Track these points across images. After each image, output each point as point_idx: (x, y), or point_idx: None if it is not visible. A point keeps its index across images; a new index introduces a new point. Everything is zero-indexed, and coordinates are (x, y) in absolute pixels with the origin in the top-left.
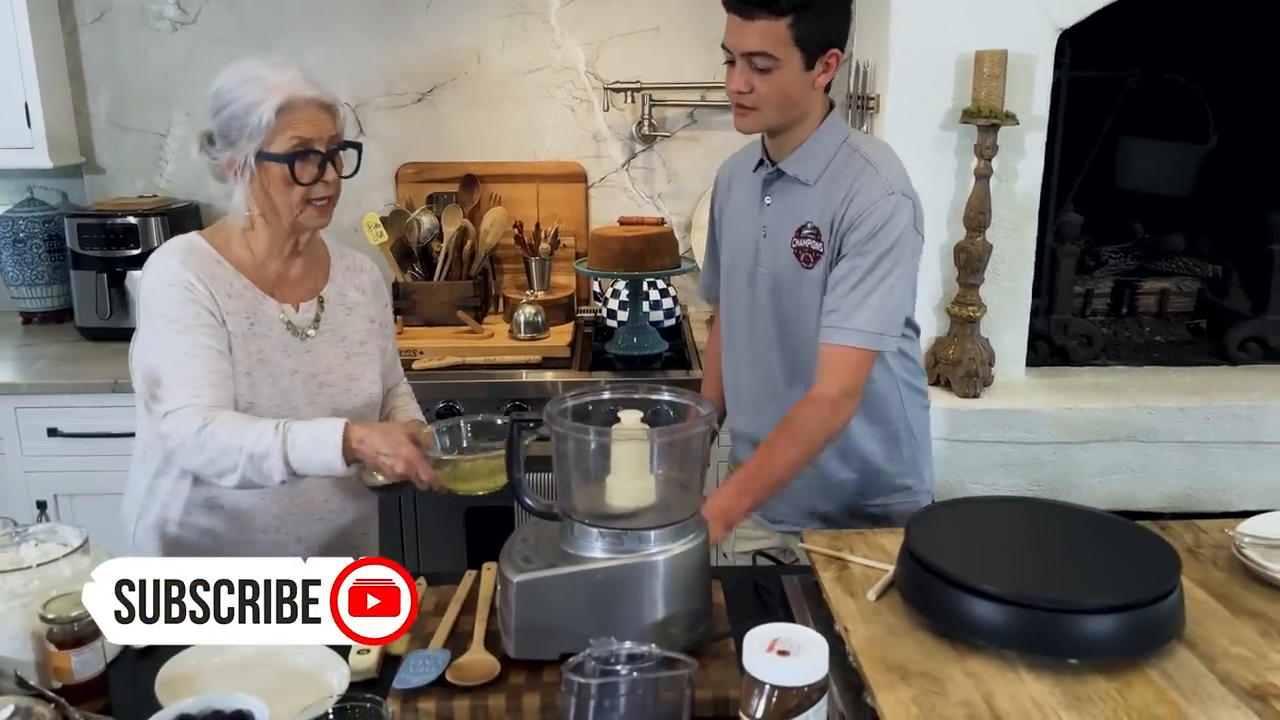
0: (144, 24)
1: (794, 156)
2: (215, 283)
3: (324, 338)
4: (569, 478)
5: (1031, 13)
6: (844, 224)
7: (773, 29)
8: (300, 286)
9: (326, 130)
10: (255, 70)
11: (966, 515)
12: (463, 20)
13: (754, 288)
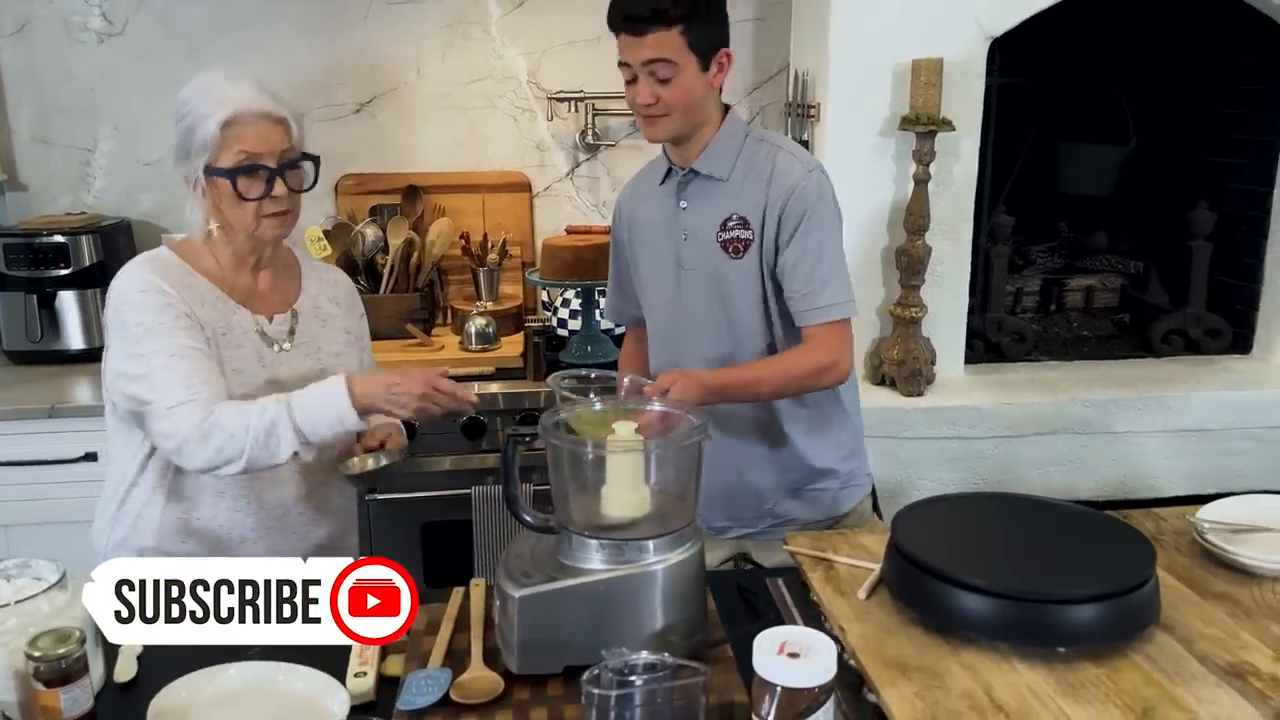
0: (68, 36)
1: (704, 156)
2: (188, 291)
3: (299, 350)
4: (565, 490)
5: (964, 22)
6: (775, 206)
7: (667, 38)
8: (271, 298)
9: (276, 144)
10: (209, 83)
11: (947, 512)
12: (402, 30)
13: (684, 291)
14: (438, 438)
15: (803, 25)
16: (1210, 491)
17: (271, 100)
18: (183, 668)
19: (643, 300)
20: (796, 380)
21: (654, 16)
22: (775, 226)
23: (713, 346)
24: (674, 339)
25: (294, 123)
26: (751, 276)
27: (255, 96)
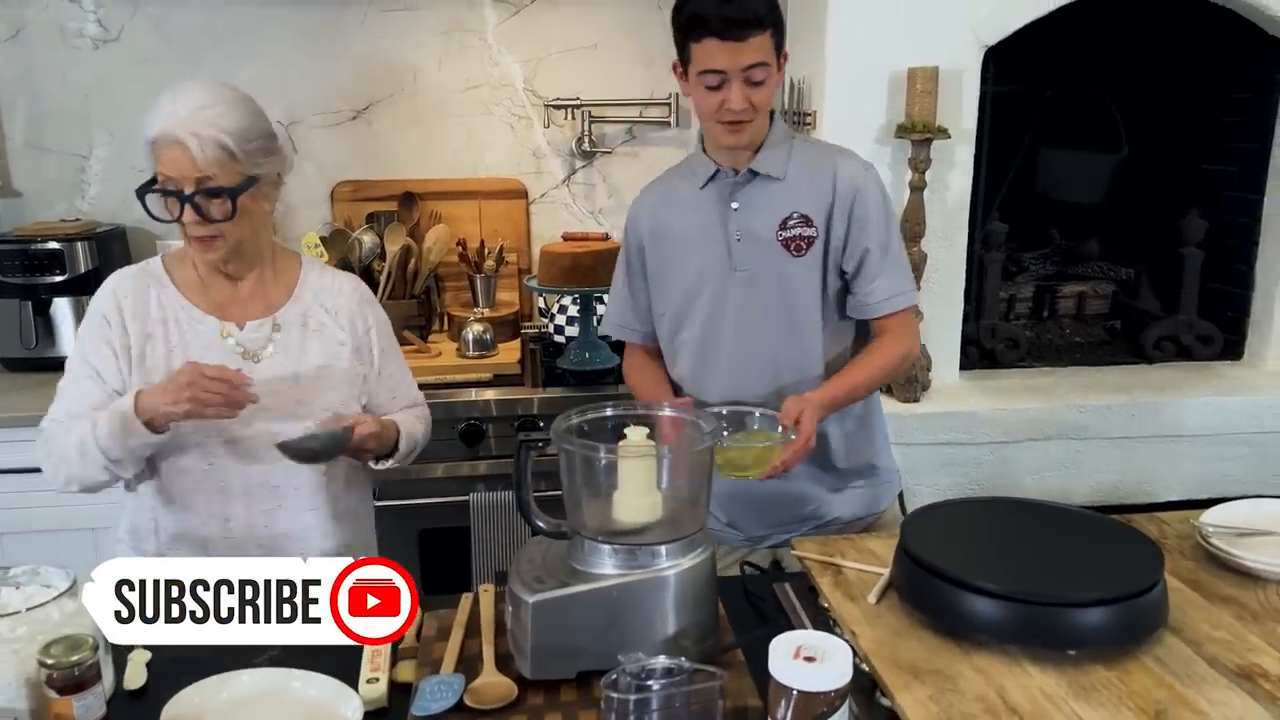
0: (63, 42)
1: (762, 156)
2: (145, 305)
3: (274, 360)
4: (578, 495)
5: (959, 31)
6: (843, 203)
7: (763, 42)
8: (251, 305)
9: (187, 171)
10: (162, 96)
11: (955, 516)
12: (399, 37)
13: (738, 292)
14: (436, 444)
15: (798, 33)
16: (1204, 497)
17: (205, 123)
18: (192, 675)
19: (672, 310)
20: (888, 375)
21: (756, 21)
22: (845, 223)
23: (772, 346)
24: (722, 344)
25: (213, 149)
26: (814, 273)
27: (183, 118)
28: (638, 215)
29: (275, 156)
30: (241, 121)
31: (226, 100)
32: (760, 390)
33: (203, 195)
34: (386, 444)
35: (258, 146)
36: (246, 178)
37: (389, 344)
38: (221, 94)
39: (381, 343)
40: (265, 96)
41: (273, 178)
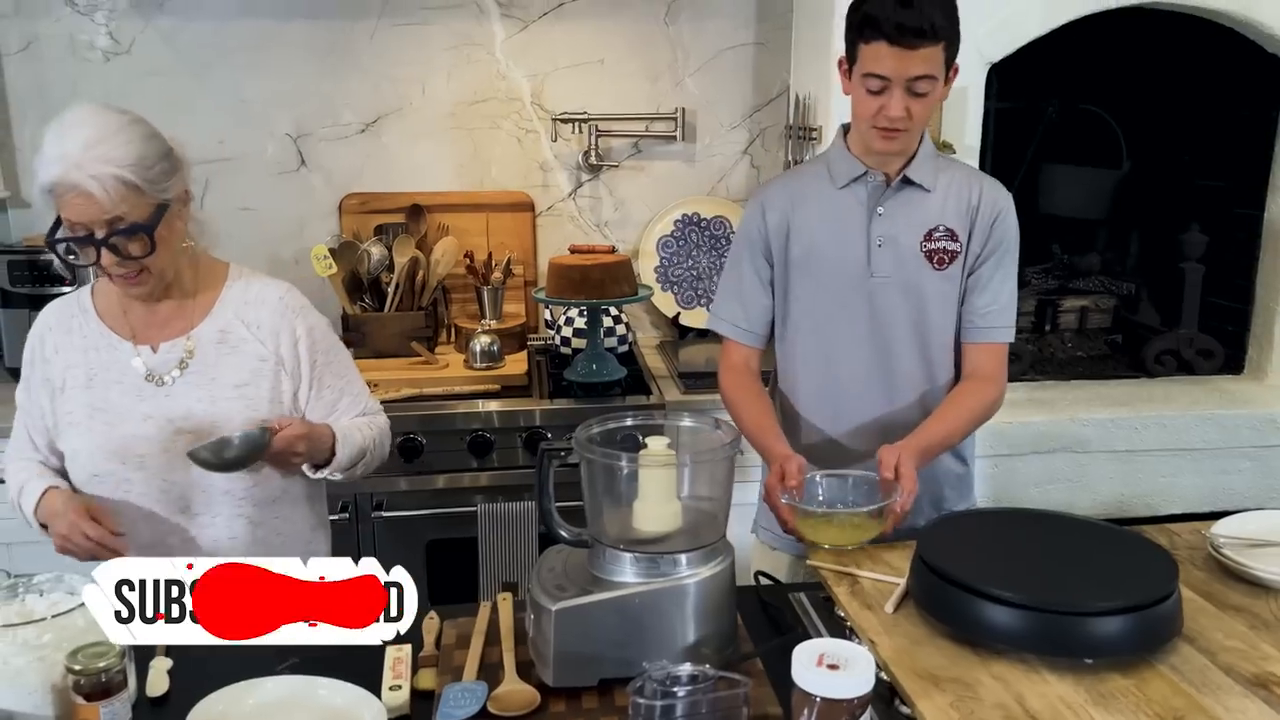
0: (74, 54)
1: (915, 164)
2: (69, 336)
3: (188, 380)
4: (599, 504)
5: (963, 48)
6: (984, 223)
7: (934, 54)
8: (169, 326)
9: (95, 215)
10: (47, 136)
11: (971, 527)
12: (407, 52)
13: (872, 298)
14: (444, 455)
15: (803, 49)
16: (1207, 510)
17: (99, 160)
18: (214, 682)
19: (796, 309)
20: (980, 421)
21: (932, 32)
22: (982, 243)
23: (900, 356)
24: (845, 348)
25: (116, 187)
26: (952, 287)
27: (76, 159)
28: (767, 206)
29: (178, 175)
30: (136, 149)
31: (116, 129)
32: (880, 403)
33: (117, 235)
34: (320, 449)
35: (159, 171)
36: (156, 206)
37: (326, 355)
38: (109, 123)
39: (314, 355)
40: (275, 109)
41: (181, 197)
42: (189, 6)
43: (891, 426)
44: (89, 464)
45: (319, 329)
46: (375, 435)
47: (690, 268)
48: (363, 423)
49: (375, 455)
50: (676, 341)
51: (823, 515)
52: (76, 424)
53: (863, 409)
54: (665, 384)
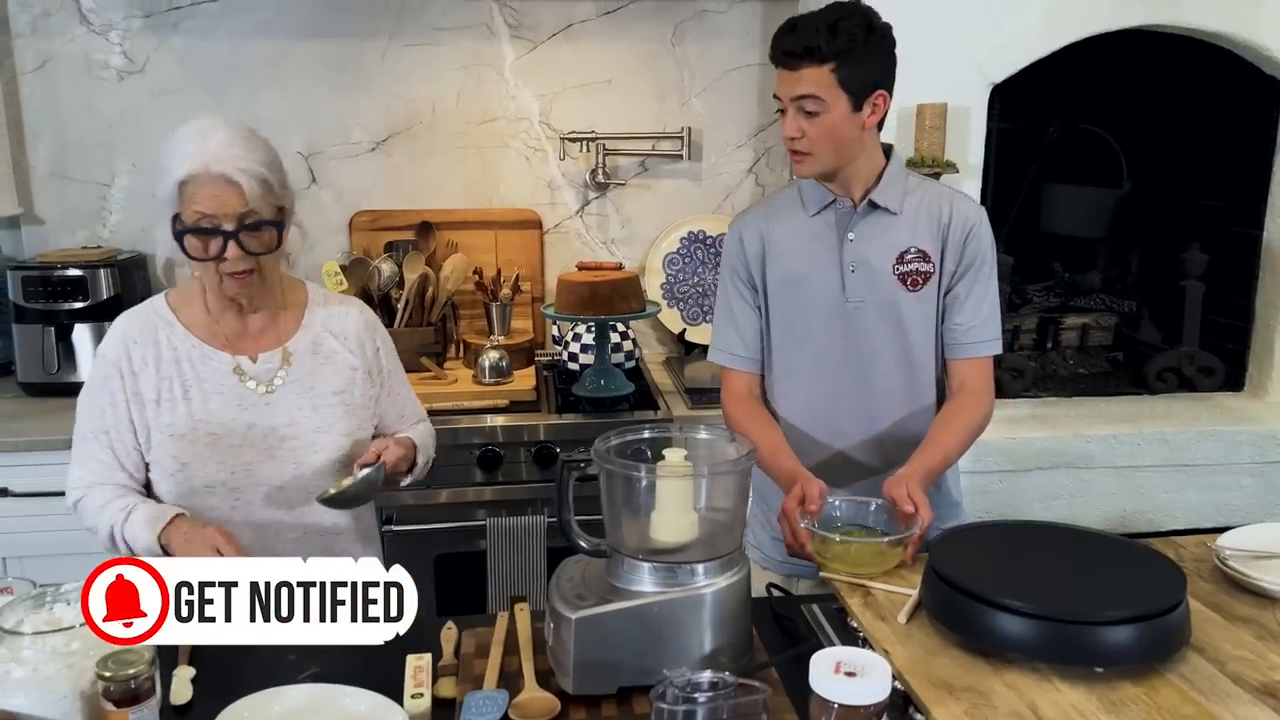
0: (88, 73)
1: (880, 188)
2: (156, 348)
3: (288, 389)
4: (618, 514)
5: (966, 69)
6: (955, 241)
7: (817, 74)
8: (263, 338)
9: (232, 207)
10: (184, 134)
11: (981, 538)
12: (418, 72)
13: (848, 322)
14: (453, 469)
15: None
16: (1209, 525)
17: (240, 158)
18: (236, 691)
19: (780, 337)
20: (974, 437)
21: (806, 53)
22: (956, 260)
23: (889, 377)
24: (830, 374)
25: (256, 184)
26: (929, 307)
27: (215, 157)
28: (744, 235)
29: (290, 189)
30: (268, 154)
31: (247, 136)
32: (865, 424)
33: (246, 230)
34: (409, 463)
35: (284, 179)
36: (279, 209)
37: (395, 364)
38: (240, 131)
39: (388, 363)
40: (287, 128)
41: (292, 208)
42: (203, 26)
43: (877, 446)
44: (196, 475)
45: (389, 342)
46: (433, 441)
47: (696, 284)
48: (422, 429)
49: (432, 458)
50: (682, 357)
51: (843, 543)
52: (180, 435)
53: (847, 430)
54: (672, 399)
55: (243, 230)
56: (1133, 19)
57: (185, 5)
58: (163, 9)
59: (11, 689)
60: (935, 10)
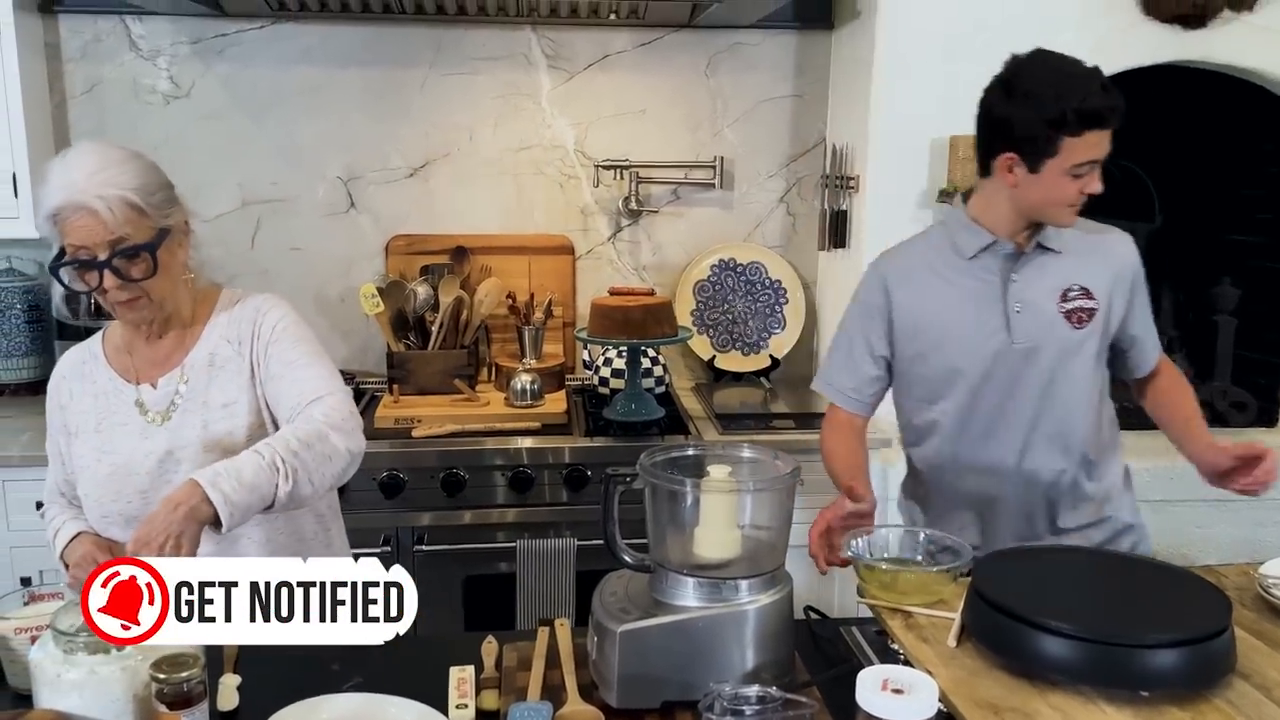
0: (135, 97)
1: (1049, 231)
2: (82, 382)
3: (184, 411)
4: (662, 529)
5: None
6: (1123, 275)
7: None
8: (169, 361)
9: (101, 236)
10: (49, 170)
11: (1024, 562)
12: (457, 100)
13: (1014, 365)
14: (484, 490)
15: (840, 101)
16: (1243, 560)
17: (104, 184)
18: (281, 699)
19: (930, 384)
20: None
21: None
22: (1126, 297)
23: (1043, 416)
24: (986, 415)
25: (122, 208)
26: (1092, 343)
27: (81, 184)
28: (890, 282)
29: (178, 206)
30: (140, 177)
31: (119, 160)
32: (1015, 459)
33: (120, 257)
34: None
35: (161, 198)
36: (158, 230)
37: (293, 347)
38: (111, 155)
39: (267, 346)
40: (327, 153)
41: (181, 227)
42: (247, 53)
43: (1023, 488)
44: (98, 506)
45: (282, 322)
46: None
47: (725, 311)
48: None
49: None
50: (711, 384)
51: (890, 572)
52: (87, 468)
53: (1004, 479)
54: (703, 424)
55: (116, 257)
56: (1165, 55)
57: (231, 33)
58: (209, 35)
59: (66, 689)
60: (969, 43)
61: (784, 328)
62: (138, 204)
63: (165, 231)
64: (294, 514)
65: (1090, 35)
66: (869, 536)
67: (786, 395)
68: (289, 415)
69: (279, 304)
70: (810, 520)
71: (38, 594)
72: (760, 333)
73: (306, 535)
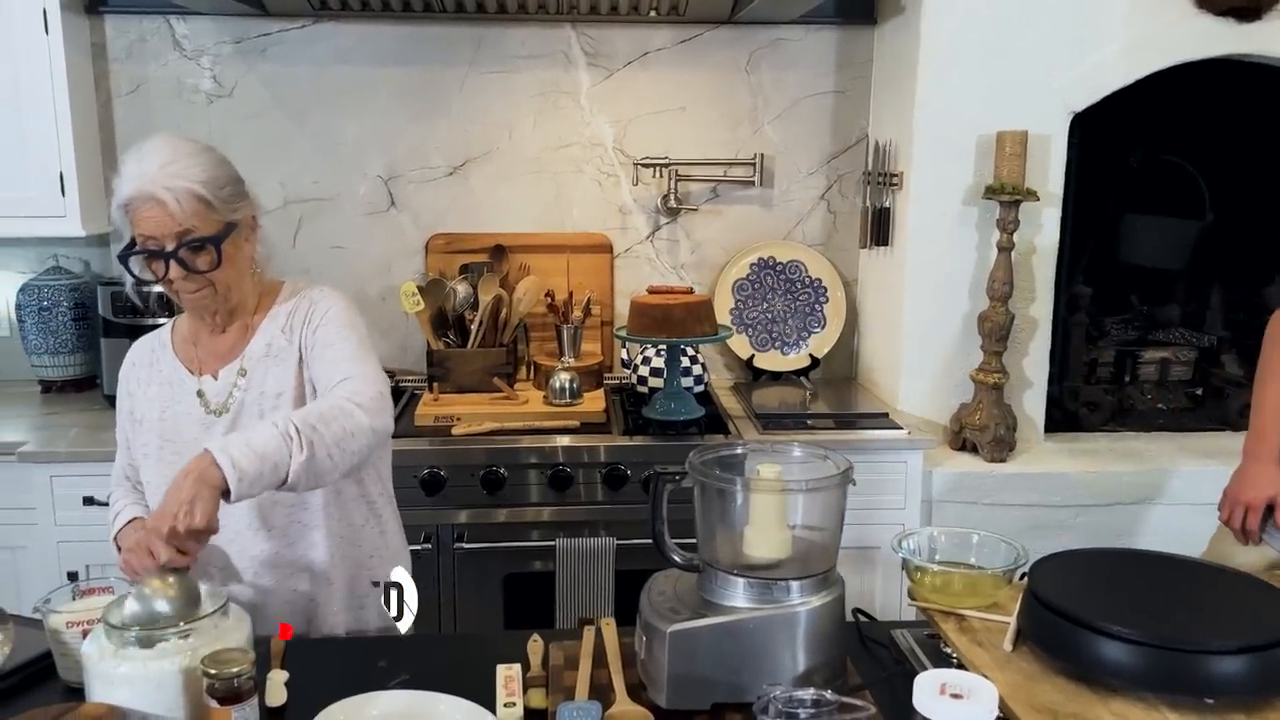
0: (179, 97)
1: None
2: (150, 370)
3: (244, 402)
4: (712, 528)
5: (1046, 97)
6: None
7: None
8: (229, 354)
9: (169, 227)
10: (125, 158)
11: (1080, 565)
12: (496, 99)
13: None
14: (523, 489)
15: (883, 97)
16: None
17: (173, 176)
18: (329, 694)
19: None
20: None
21: None
22: None
23: None
24: None
25: (190, 200)
26: None
27: (153, 175)
28: None
29: (247, 200)
30: (209, 170)
31: (190, 153)
32: None
33: (186, 249)
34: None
35: (230, 192)
36: (225, 224)
37: (333, 329)
38: (183, 148)
39: (322, 334)
40: (368, 152)
41: (249, 221)
42: (289, 52)
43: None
44: (158, 495)
45: (333, 310)
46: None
47: (765, 310)
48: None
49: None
50: (750, 383)
51: (943, 574)
52: (149, 456)
53: None
54: (742, 424)
55: (182, 248)
56: (1217, 49)
57: (274, 32)
58: (252, 35)
59: (118, 683)
60: (1016, 38)
61: (824, 327)
62: (205, 197)
63: (232, 225)
64: (345, 502)
65: (1140, 28)
66: (918, 536)
67: (826, 395)
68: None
69: (335, 295)
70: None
71: (88, 588)
72: (800, 332)
73: (356, 522)
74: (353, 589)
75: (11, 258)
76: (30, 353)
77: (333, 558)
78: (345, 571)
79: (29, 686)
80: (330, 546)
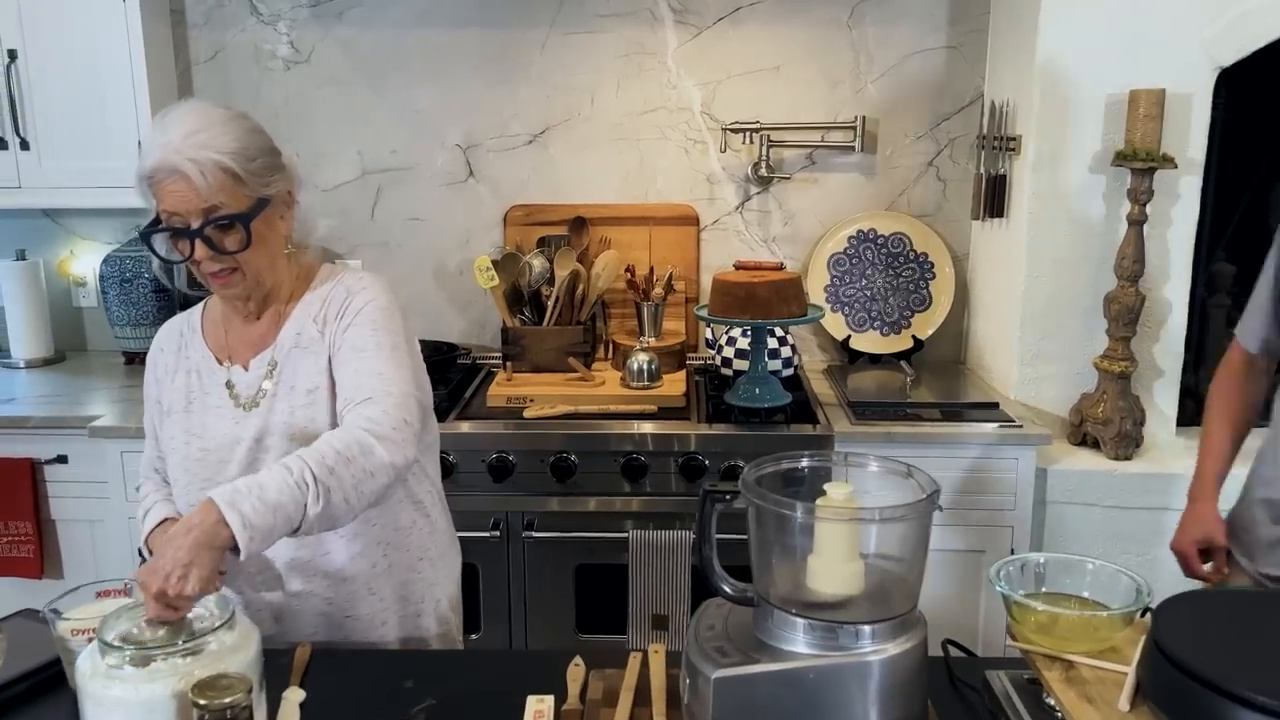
0: (257, 63)
1: None
2: (178, 357)
3: (275, 394)
4: (768, 558)
5: (1188, 50)
6: None
7: None
8: (261, 342)
9: (192, 204)
10: (150, 129)
11: (1215, 607)
12: (578, 61)
13: None
14: (597, 476)
15: (1001, 53)
16: None
17: (198, 147)
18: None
19: None
20: None
21: None
22: None
23: None
24: None
25: (215, 173)
26: None
27: (176, 145)
28: None
29: (283, 173)
30: (239, 140)
31: (218, 121)
32: None
33: (213, 227)
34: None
35: (262, 164)
36: (256, 200)
37: (363, 333)
38: (211, 115)
39: (353, 336)
40: (446, 120)
41: (284, 197)
42: (367, 16)
43: None
44: (186, 492)
45: (370, 305)
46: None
47: (864, 287)
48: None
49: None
50: (846, 367)
51: (1048, 613)
52: (176, 449)
53: None
54: (833, 412)
55: (208, 226)
56: None
57: None
58: None
59: (109, 705)
60: None
61: (929, 306)
62: (234, 169)
63: (264, 201)
64: (390, 506)
65: None
66: (1021, 566)
67: (930, 382)
68: (340, 410)
69: (373, 285)
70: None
71: (106, 590)
72: (902, 311)
73: (403, 524)
74: (403, 596)
75: (96, 228)
76: (114, 324)
77: (375, 567)
78: (394, 578)
79: (35, 695)
80: (372, 554)
